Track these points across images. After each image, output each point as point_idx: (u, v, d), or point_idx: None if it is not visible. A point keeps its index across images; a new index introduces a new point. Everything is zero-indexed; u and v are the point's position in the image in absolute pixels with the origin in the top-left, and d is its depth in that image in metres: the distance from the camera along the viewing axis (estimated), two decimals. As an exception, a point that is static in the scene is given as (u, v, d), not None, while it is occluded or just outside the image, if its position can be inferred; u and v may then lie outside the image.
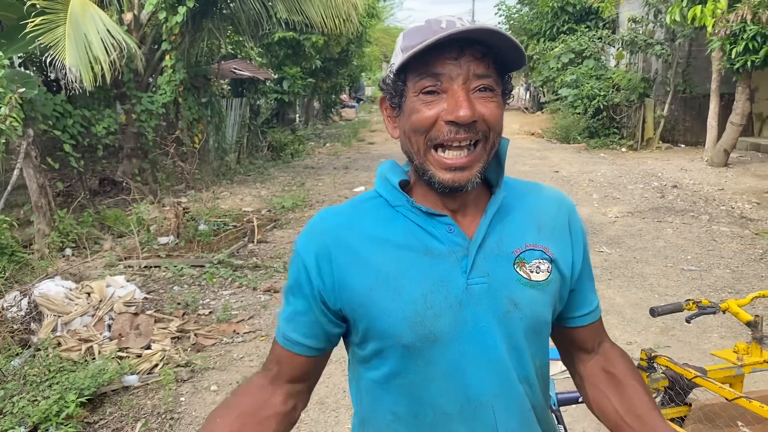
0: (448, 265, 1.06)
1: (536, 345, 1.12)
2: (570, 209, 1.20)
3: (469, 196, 1.11)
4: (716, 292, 5.23)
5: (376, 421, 1.18)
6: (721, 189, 9.34)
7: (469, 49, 1.01)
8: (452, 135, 1.02)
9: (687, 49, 13.75)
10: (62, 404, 3.37)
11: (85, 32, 6.55)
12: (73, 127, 7.82)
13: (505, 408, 1.09)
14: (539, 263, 1.11)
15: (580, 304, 1.22)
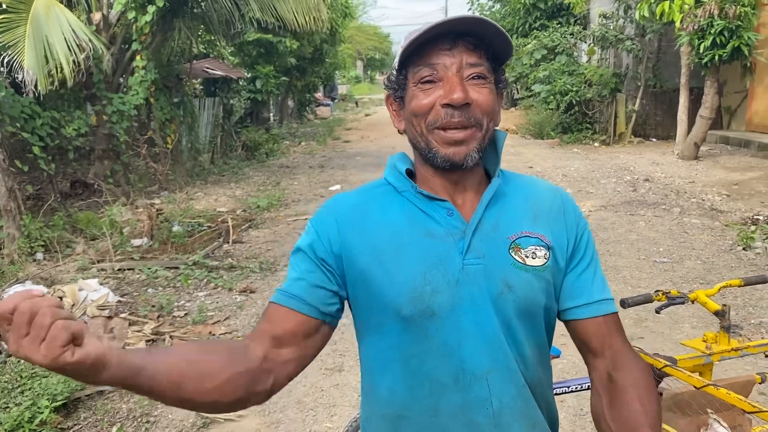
0: (447, 246, 1.14)
1: (529, 327, 1.17)
2: (564, 197, 1.26)
3: (470, 181, 1.20)
4: (688, 283, 5.31)
5: (375, 396, 1.23)
6: (691, 182, 9.49)
7: (461, 40, 1.11)
8: (448, 118, 1.11)
9: (657, 44, 13.93)
10: (35, 410, 3.32)
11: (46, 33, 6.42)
12: (42, 128, 7.70)
13: (499, 381, 1.14)
14: (535, 249, 1.17)
15: (576, 293, 1.21)
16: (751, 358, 3.74)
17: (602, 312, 1.21)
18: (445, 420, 1.16)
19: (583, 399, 3.51)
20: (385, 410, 1.21)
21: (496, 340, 1.14)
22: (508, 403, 1.15)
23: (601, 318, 1.20)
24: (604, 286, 1.24)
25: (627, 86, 14.58)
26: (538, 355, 1.21)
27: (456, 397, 1.15)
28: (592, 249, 1.25)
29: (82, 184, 9.43)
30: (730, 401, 1.70)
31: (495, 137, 1.23)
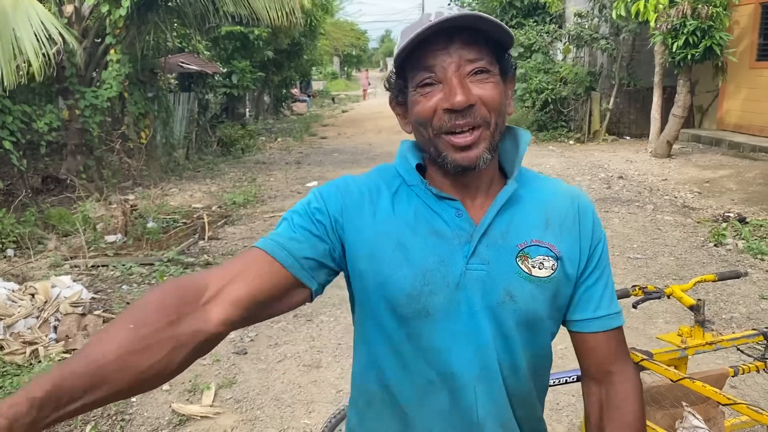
0: (451, 248, 1.10)
1: (528, 338, 1.14)
2: (582, 206, 1.19)
3: (482, 182, 1.15)
4: (661, 279, 5.39)
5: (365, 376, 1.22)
6: (664, 179, 9.63)
7: (457, 36, 1.05)
8: (452, 122, 1.06)
9: (631, 43, 14.09)
10: (6, 409, 3.25)
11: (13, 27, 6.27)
12: (13, 123, 7.55)
13: (486, 391, 1.12)
14: (543, 260, 1.12)
15: (583, 306, 1.18)
16: (723, 352, 3.81)
17: (607, 327, 1.18)
18: (430, 417, 1.15)
19: (559, 394, 3.54)
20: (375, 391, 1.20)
21: (487, 349, 1.12)
22: (493, 411, 1.13)
23: (604, 334, 1.18)
24: (612, 300, 1.20)
25: (601, 85, 14.73)
26: (535, 365, 1.18)
27: (443, 399, 1.14)
28: (605, 261, 1.21)
29: (54, 180, 9.27)
30: (706, 393, 1.73)
31: (516, 134, 1.20)
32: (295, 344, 4.40)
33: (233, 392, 3.77)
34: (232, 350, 4.30)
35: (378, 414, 1.21)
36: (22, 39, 6.34)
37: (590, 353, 1.20)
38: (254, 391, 3.79)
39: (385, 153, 13.29)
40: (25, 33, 6.39)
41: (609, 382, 1.19)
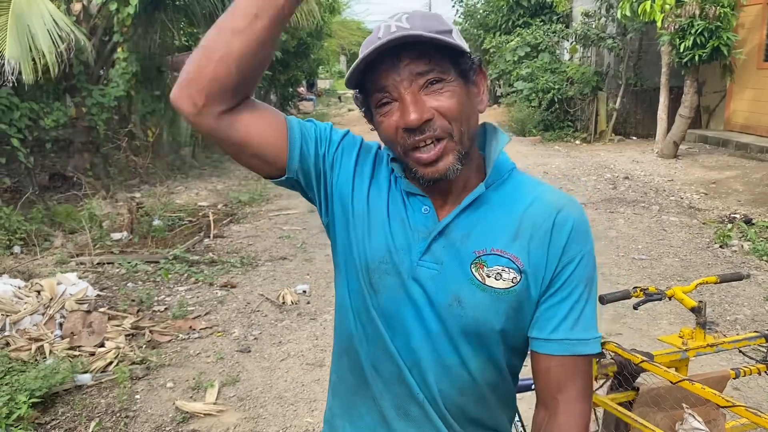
0: (411, 240, 1.14)
1: (478, 346, 1.12)
2: (560, 220, 1.10)
3: (455, 185, 1.14)
4: (666, 280, 5.38)
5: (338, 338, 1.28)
6: (670, 180, 9.60)
7: (404, 52, 1.03)
8: (412, 139, 1.06)
9: (638, 43, 14.04)
10: (12, 406, 3.29)
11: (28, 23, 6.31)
12: (21, 120, 7.58)
13: (422, 379, 1.15)
14: (502, 270, 1.08)
15: (540, 324, 1.12)
16: (726, 354, 3.81)
17: (562, 352, 1.10)
18: (383, 382, 1.19)
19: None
20: (345, 343, 1.25)
21: (429, 343, 1.13)
22: (430, 400, 1.15)
23: (558, 358, 1.10)
24: (577, 325, 1.10)
25: (608, 85, 14.69)
26: (488, 372, 1.15)
27: (392, 370, 1.16)
28: (579, 281, 1.11)
29: (60, 177, 9.32)
30: (704, 395, 1.73)
31: (496, 136, 1.19)
32: (298, 343, 4.41)
33: (236, 390, 3.79)
34: (236, 348, 4.32)
35: (348, 365, 1.25)
36: (36, 35, 6.37)
37: (540, 375, 1.13)
38: (257, 389, 3.81)
39: (391, 152, 13.29)
40: (39, 29, 6.42)
41: (554, 411, 1.12)
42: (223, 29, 1.05)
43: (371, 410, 1.21)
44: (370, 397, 1.21)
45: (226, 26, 1.05)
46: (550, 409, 1.13)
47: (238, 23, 1.03)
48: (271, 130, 1.13)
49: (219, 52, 1.04)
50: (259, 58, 1.07)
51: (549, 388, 1.12)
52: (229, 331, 4.61)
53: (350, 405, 1.25)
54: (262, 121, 1.13)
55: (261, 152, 1.14)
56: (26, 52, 6.32)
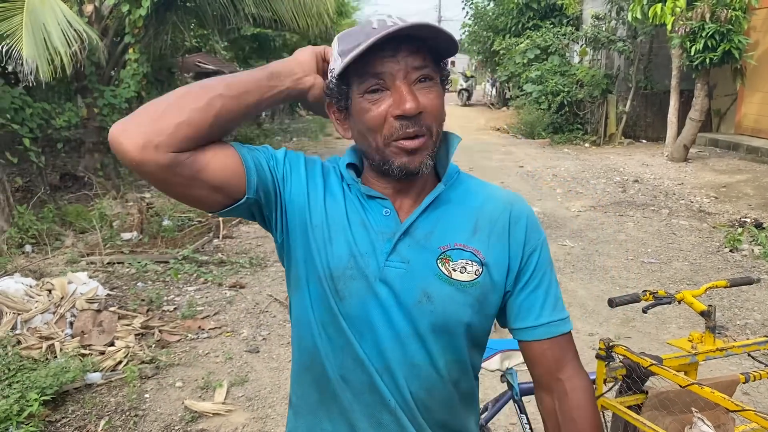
0: (375, 243, 1.14)
1: (446, 341, 1.16)
2: (515, 213, 1.20)
3: (415, 185, 1.18)
4: (675, 284, 5.37)
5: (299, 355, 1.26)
6: (680, 183, 9.56)
7: (404, 44, 1.07)
8: (404, 129, 1.08)
9: (648, 46, 14.01)
10: (23, 403, 3.31)
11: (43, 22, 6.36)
12: (33, 120, 7.64)
13: (394, 384, 1.15)
14: (466, 264, 1.14)
15: (523, 314, 1.19)
16: (736, 358, 3.79)
17: (551, 334, 1.19)
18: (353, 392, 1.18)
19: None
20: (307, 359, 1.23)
21: (400, 345, 1.14)
22: (403, 405, 1.16)
23: (549, 341, 1.19)
24: (556, 306, 1.20)
25: (618, 87, 14.66)
26: (455, 372, 1.19)
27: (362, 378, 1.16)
28: (545, 267, 1.21)
29: (71, 177, 9.38)
30: (715, 400, 1.73)
31: (447, 138, 1.22)
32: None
33: (245, 390, 3.81)
34: (245, 349, 4.34)
35: (310, 381, 1.23)
36: (51, 35, 6.41)
37: (538, 362, 1.20)
38: (266, 389, 3.82)
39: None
40: (53, 29, 6.46)
41: (561, 391, 1.19)
42: (213, 89, 1.07)
43: (339, 425, 1.21)
44: (337, 411, 1.20)
45: (215, 88, 1.07)
46: (556, 391, 1.19)
47: (228, 92, 1.08)
48: (228, 158, 1.11)
49: (197, 105, 1.05)
50: (242, 119, 1.14)
51: (550, 371, 1.19)
52: (237, 331, 4.63)
53: (314, 423, 1.24)
54: (217, 150, 1.10)
55: (223, 183, 1.11)
56: (42, 51, 6.37)
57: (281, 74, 1.13)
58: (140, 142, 1.01)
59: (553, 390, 1.19)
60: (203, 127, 1.06)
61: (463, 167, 1.26)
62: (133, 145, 1.01)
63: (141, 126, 1.03)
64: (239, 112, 1.10)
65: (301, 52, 1.20)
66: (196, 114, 1.05)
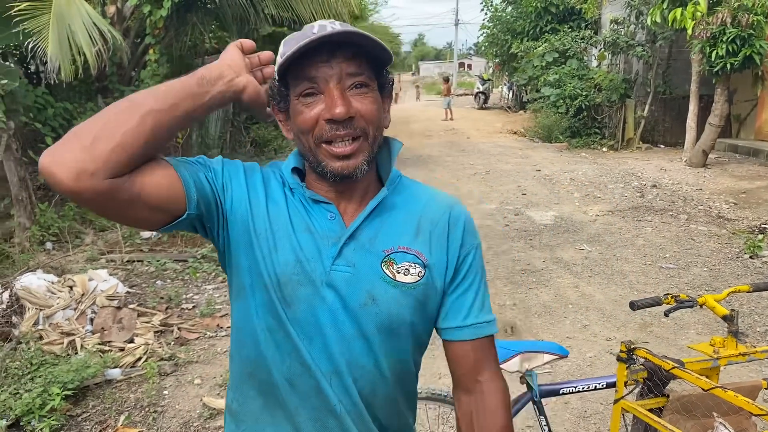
0: (321, 247, 1.16)
1: (391, 342, 1.18)
2: (453, 217, 1.23)
3: (358, 189, 1.20)
4: (693, 290, 5.33)
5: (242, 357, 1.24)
6: (699, 189, 9.49)
7: (339, 50, 1.09)
8: (333, 132, 1.10)
9: (667, 50, 13.93)
10: (46, 397, 3.36)
11: (69, 22, 6.46)
12: (55, 119, 7.74)
13: (341, 387, 1.16)
14: (410, 266, 1.17)
15: (451, 315, 1.22)
16: (757, 365, 3.76)
17: (475, 336, 1.22)
18: (299, 398, 1.18)
19: (587, 401, 3.53)
20: (251, 367, 1.22)
21: (347, 347, 1.15)
22: (350, 409, 1.17)
23: (472, 342, 1.22)
24: (483, 309, 1.23)
25: (636, 92, 14.58)
26: (399, 372, 1.22)
27: (309, 383, 1.16)
28: (478, 270, 1.24)
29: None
30: (738, 403, 1.72)
31: (390, 144, 1.24)
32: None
33: (263, 388, 3.83)
34: (263, 347, 4.36)
35: (254, 388, 1.23)
36: (76, 34, 6.51)
37: (459, 362, 1.23)
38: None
39: (416, 156, 13.31)
40: (78, 29, 6.55)
41: (479, 392, 1.22)
42: (142, 105, 1.03)
43: (283, 430, 1.21)
44: (282, 416, 1.20)
45: (145, 104, 1.03)
46: (474, 392, 1.23)
47: (159, 106, 1.04)
48: (166, 177, 1.08)
49: (128, 125, 1.01)
50: (177, 130, 1.10)
51: (470, 372, 1.23)
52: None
53: (257, 430, 1.24)
54: (155, 170, 1.07)
55: (163, 202, 1.08)
56: (66, 51, 6.46)
57: (211, 78, 1.10)
58: (74, 171, 0.96)
59: (471, 391, 1.23)
60: (138, 148, 1.01)
61: (480, 170, 1.29)
62: (66, 175, 0.97)
63: (73, 153, 0.97)
64: (173, 125, 1.06)
65: (229, 53, 1.17)
66: (130, 135, 1.00)
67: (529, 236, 7.14)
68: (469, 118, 23.28)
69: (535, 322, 4.75)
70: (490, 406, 1.21)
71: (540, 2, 19.59)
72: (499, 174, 10.94)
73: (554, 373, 3.87)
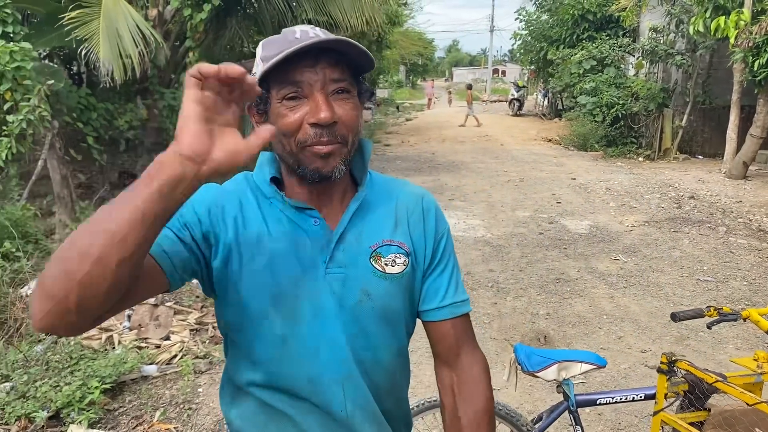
0: (311, 254, 1.18)
1: (389, 331, 1.24)
2: (426, 203, 1.31)
3: (336, 191, 1.23)
4: (732, 304, 5.22)
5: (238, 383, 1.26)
6: (739, 201, 9.30)
7: (323, 56, 1.11)
8: (318, 137, 1.12)
9: (708, 60, 13.68)
10: (85, 390, 3.43)
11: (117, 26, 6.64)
12: (97, 120, 7.92)
13: (353, 388, 1.20)
14: (395, 257, 1.22)
15: (430, 296, 1.29)
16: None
17: (453, 314, 1.29)
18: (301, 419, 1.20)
19: (622, 413, 3.48)
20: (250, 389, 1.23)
21: (352, 347, 1.19)
22: (361, 405, 1.21)
23: (451, 321, 1.29)
24: (458, 289, 1.30)
25: (675, 101, 14.34)
26: (397, 358, 1.28)
27: (313, 399, 1.19)
28: (450, 253, 1.31)
29: (129, 175, 9.65)
30: (783, 420, 1.69)
31: (362, 146, 1.26)
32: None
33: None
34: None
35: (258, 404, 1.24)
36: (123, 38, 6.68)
37: (440, 340, 1.30)
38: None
39: (448, 162, 13.28)
40: (125, 33, 6.72)
41: (459, 367, 1.30)
42: (105, 247, 0.85)
43: None
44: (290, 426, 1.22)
45: (107, 246, 0.85)
46: (456, 367, 1.30)
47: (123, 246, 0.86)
48: (147, 274, 1.03)
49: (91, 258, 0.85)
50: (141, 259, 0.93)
51: (451, 349, 1.30)
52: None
53: None
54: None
55: (145, 293, 1.06)
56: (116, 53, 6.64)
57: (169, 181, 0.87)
58: (57, 325, 0.89)
59: (453, 366, 1.30)
60: (114, 289, 0.89)
61: (513, 177, 1.31)
62: (51, 328, 0.91)
63: (48, 310, 0.88)
64: (144, 248, 0.90)
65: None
66: (101, 283, 0.86)
67: (564, 245, 7.07)
68: (503, 124, 23.16)
69: (568, 332, 4.70)
70: (472, 377, 1.29)
71: (577, 10, 19.43)
72: (533, 182, 10.86)
73: (588, 383, 3.83)
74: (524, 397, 3.71)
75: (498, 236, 7.48)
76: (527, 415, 3.37)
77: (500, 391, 3.72)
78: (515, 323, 4.88)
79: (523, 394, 3.73)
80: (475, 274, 6.07)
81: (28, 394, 3.44)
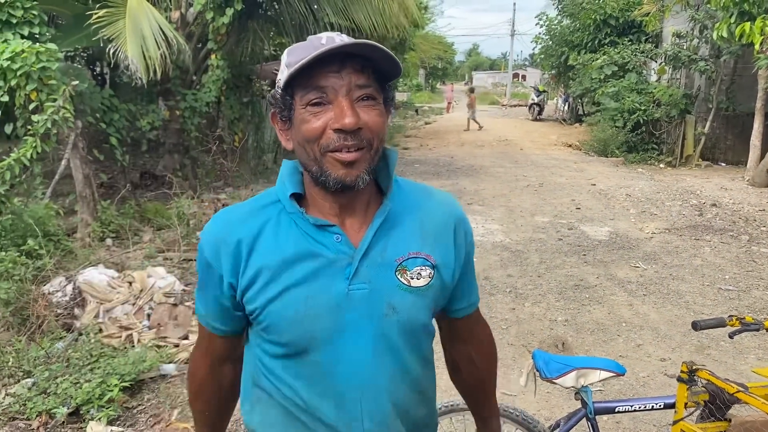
0: (333, 272, 1.17)
1: (414, 344, 1.24)
2: (457, 218, 1.30)
3: (360, 201, 1.21)
4: (755, 314, 5.14)
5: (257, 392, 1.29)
6: (762, 210, 9.17)
7: (349, 62, 1.11)
8: (341, 142, 1.10)
9: (732, 66, 13.52)
10: (104, 388, 3.47)
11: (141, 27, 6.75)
12: (119, 121, 8.01)
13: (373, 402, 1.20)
14: (420, 270, 1.21)
15: (459, 297, 1.35)
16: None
17: (472, 310, 1.40)
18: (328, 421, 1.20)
19: (639, 422, 3.45)
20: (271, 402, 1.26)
21: (377, 363, 1.19)
22: (378, 420, 1.20)
23: (473, 315, 1.41)
24: (474, 287, 1.40)
25: (697, 108, 14.19)
26: (422, 366, 1.29)
27: (332, 416, 1.20)
28: (472, 257, 1.36)
29: (150, 176, 9.77)
30: (806, 432, 1.66)
31: (387, 155, 1.24)
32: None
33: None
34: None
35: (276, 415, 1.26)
36: (147, 39, 6.79)
37: (459, 329, 1.42)
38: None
39: (467, 166, 13.24)
40: (148, 34, 6.83)
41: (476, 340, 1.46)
42: None
43: None
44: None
45: None
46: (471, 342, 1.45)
47: None
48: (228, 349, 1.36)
49: None
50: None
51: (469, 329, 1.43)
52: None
53: None
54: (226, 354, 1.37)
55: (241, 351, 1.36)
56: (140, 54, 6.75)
57: None
58: None
59: (468, 342, 1.44)
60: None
61: (533, 182, 1.31)
62: None
63: None
64: None
65: None
66: None
67: (583, 251, 7.03)
68: (522, 129, 23.06)
69: (587, 339, 4.67)
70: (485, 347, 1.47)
71: (599, 15, 19.32)
72: (553, 187, 10.80)
73: (606, 391, 3.80)
74: (541, 404, 3.68)
75: (517, 241, 7.45)
76: (544, 421, 3.35)
77: (517, 397, 3.70)
78: (533, 329, 4.85)
79: (540, 401, 3.70)
80: (493, 279, 6.05)
81: (49, 391, 3.49)
